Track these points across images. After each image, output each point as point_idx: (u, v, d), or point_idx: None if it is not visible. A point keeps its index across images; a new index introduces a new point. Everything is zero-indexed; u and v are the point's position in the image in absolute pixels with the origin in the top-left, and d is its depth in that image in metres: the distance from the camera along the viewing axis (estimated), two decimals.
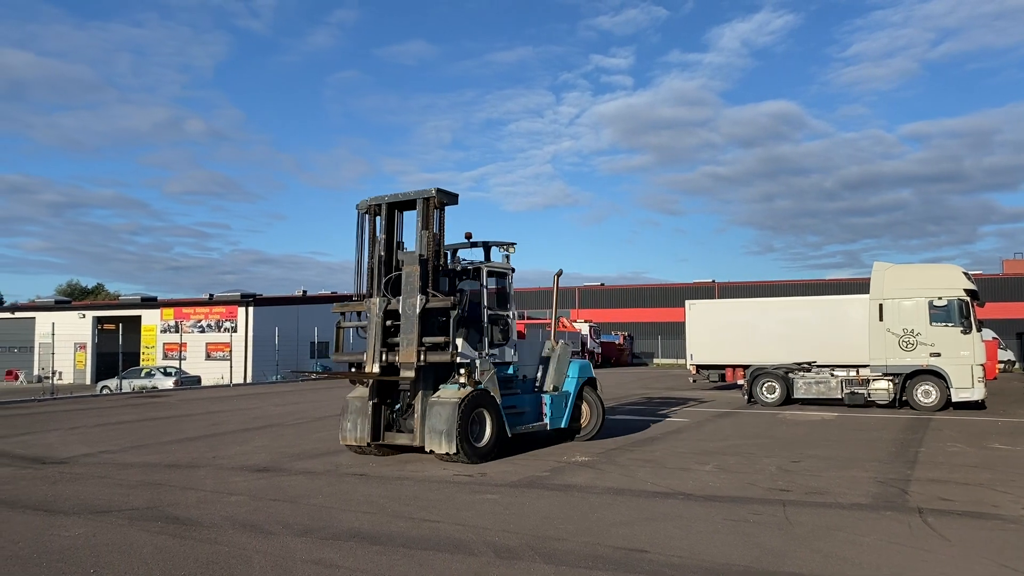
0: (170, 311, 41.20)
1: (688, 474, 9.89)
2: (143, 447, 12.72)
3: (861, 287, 24.35)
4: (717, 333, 25.24)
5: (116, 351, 30.99)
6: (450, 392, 10.70)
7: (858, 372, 19.64)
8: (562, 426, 12.72)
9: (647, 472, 10.04)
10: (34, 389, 32.60)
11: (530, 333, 47.03)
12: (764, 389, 20.67)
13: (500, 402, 11.22)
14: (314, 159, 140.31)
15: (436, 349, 10.66)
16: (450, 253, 12.06)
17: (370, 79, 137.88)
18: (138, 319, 41.27)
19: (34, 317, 43.96)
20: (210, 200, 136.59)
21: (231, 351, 34.40)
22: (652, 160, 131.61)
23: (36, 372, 40.86)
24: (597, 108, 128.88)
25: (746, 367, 21.78)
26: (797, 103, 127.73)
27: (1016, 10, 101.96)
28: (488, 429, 10.95)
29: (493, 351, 11.59)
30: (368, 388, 11.24)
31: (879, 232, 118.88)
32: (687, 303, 26.65)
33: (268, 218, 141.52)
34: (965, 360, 18.07)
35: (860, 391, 19.17)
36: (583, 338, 52.04)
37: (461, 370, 10.75)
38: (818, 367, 20.81)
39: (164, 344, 40.21)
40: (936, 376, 18.34)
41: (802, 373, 20.44)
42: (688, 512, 7.73)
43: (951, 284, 18.51)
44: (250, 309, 38.99)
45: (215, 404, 21.70)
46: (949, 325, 18.25)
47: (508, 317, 12.19)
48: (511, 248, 12.45)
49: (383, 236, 11.29)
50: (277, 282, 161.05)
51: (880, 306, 18.84)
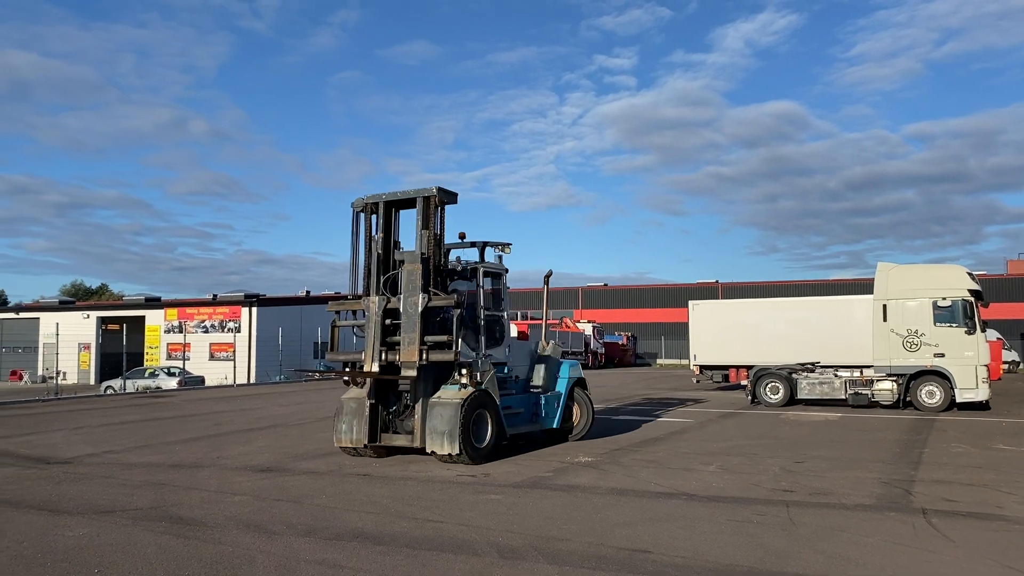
0: (174, 311, 41.29)
1: (692, 474, 9.88)
2: (147, 447, 12.75)
3: (865, 287, 24.30)
4: (721, 334, 25.24)
5: (120, 351, 31.01)
6: (451, 392, 10.62)
7: (862, 373, 19.61)
8: (555, 426, 12.71)
9: (650, 472, 10.04)
10: (38, 389, 32.66)
11: (532, 333, 47.08)
12: (768, 389, 20.65)
13: (499, 403, 11.22)
14: (317, 159, 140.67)
15: (438, 348, 10.57)
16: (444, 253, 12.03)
17: (373, 79, 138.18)
18: (142, 319, 41.37)
19: (38, 317, 44.08)
20: (213, 200, 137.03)
21: (235, 351, 34.46)
22: (655, 160, 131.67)
23: (40, 372, 40.97)
24: (600, 108, 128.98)
25: (750, 367, 21.77)
26: (801, 103, 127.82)
27: (1020, 10, 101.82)
28: (488, 430, 10.91)
29: (489, 351, 11.56)
30: (362, 389, 11.17)
31: (883, 232, 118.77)
32: (691, 303, 26.64)
33: (271, 218, 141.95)
34: (969, 361, 18.04)
35: (864, 392, 19.15)
36: (586, 339, 51.96)
37: (463, 370, 10.66)
38: (822, 368, 20.78)
39: (168, 344, 40.30)
40: (940, 377, 18.30)
41: (806, 374, 20.42)
42: (692, 513, 7.73)
43: (955, 284, 18.47)
44: (253, 309, 39.08)
45: (219, 404, 21.74)
46: (953, 326, 18.22)
47: (503, 317, 12.18)
48: (506, 248, 12.36)
49: (381, 234, 11.18)
50: (280, 282, 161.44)
51: (884, 306, 18.81)
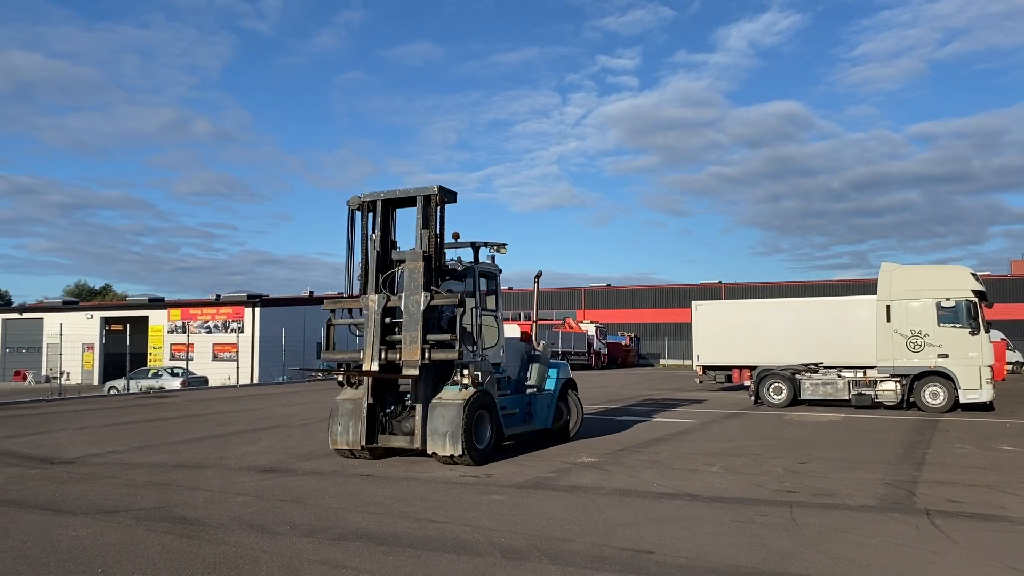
0: (177, 312, 41.37)
1: (695, 475, 9.87)
2: (150, 447, 12.77)
3: (868, 288, 24.26)
4: (724, 334, 25.20)
5: (123, 352, 31.09)
6: (453, 393, 10.54)
7: (865, 373, 19.59)
8: (547, 426, 12.69)
9: (653, 473, 10.03)
10: (42, 389, 32.71)
11: (536, 334, 47.05)
12: (771, 390, 20.62)
13: (498, 403, 11.19)
14: (320, 160, 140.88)
15: (440, 347, 10.46)
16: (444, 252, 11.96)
17: (376, 80, 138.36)
18: (145, 320, 41.44)
19: (42, 318, 44.20)
20: (216, 201, 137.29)
21: (238, 352, 34.49)
22: (658, 161, 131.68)
23: (44, 372, 41.06)
24: (603, 109, 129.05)
25: (753, 368, 21.76)
26: (804, 103, 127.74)
27: None
28: (489, 431, 10.86)
29: (485, 352, 11.49)
30: (357, 390, 11.07)
31: (886, 233, 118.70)
32: (693, 304, 26.62)
33: (274, 219, 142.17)
34: (973, 361, 18.01)
35: (867, 392, 19.12)
36: (589, 339, 51.95)
37: (464, 371, 10.57)
38: (825, 368, 20.76)
39: (171, 345, 40.39)
40: (944, 377, 18.28)
41: (809, 374, 20.40)
42: (695, 513, 7.72)
43: (959, 285, 18.44)
44: (257, 310, 39.14)
45: (222, 404, 21.76)
46: (957, 326, 18.19)
47: (497, 318, 12.13)
48: (502, 249, 12.25)
49: (378, 233, 11.07)
50: (283, 283, 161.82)
51: (887, 307, 18.79)
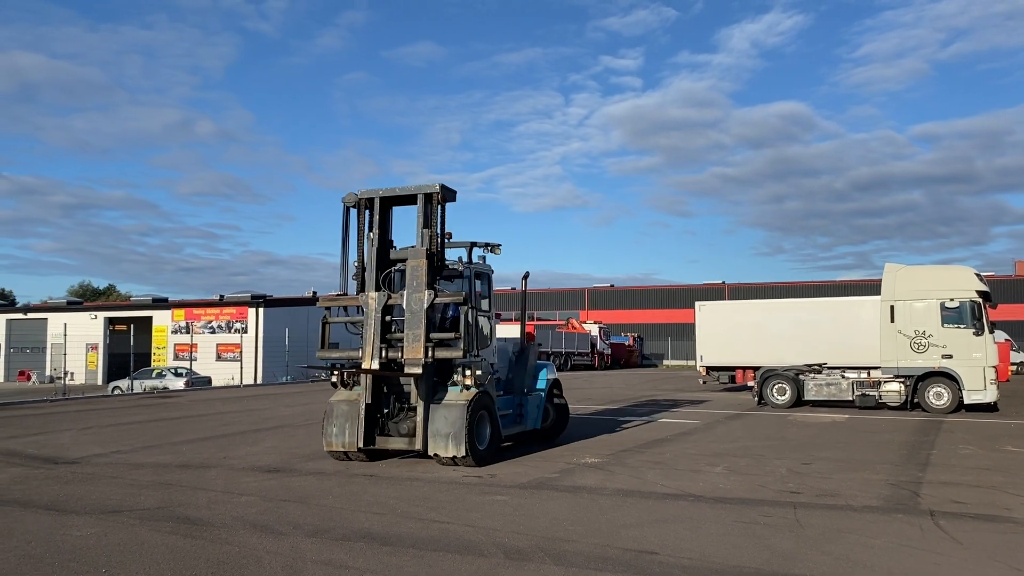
0: (181, 312, 41.44)
1: (698, 476, 9.86)
2: (154, 447, 12.79)
3: (872, 288, 24.26)
4: (727, 335, 25.17)
5: (127, 352, 31.18)
6: (454, 393, 10.49)
7: (869, 374, 19.55)
8: (537, 427, 12.63)
9: (657, 474, 10.02)
10: (46, 389, 32.81)
11: (539, 334, 47.08)
12: (774, 391, 20.59)
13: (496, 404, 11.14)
14: (323, 160, 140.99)
15: (443, 345, 10.36)
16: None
17: (379, 80, 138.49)
18: (149, 320, 41.51)
19: (46, 318, 44.30)
20: (220, 201, 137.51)
21: (241, 352, 34.53)
22: (661, 161, 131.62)
23: (48, 372, 41.12)
24: (606, 109, 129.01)
25: (756, 369, 21.73)
26: (807, 104, 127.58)
27: None
28: (488, 431, 10.80)
29: (479, 352, 11.34)
30: (351, 391, 10.96)
31: (890, 233, 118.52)
32: (697, 304, 26.59)
33: (277, 219, 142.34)
34: (977, 362, 17.96)
35: (871, 393, 19.08)
36: (592, 339, 51.95)
37: (467, 371, 10.50)
38: (829, 369, 20.73)
39: (175, 345, 40.46)
40: (948, 378, 18.24)
41: (813, 375, 20.37)
42: (698, 514, 7.72)
43: (963, 285, 18.40)
44: (260, 310, 39.18)
45: (226, 405, 21.80)
46: (961, 327, 18.14)
47: (491, 318, 12.07)
48: (496, 249, 12.16)
49: (377, 231, 10.96)
50: (287, 283, 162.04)
51: (891, 308, 18.75)
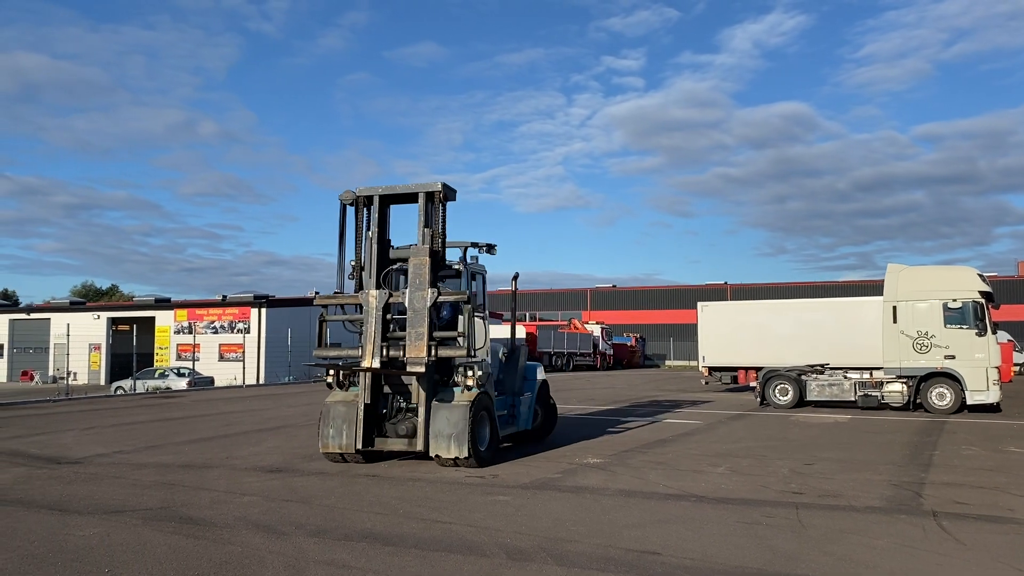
0: (183, 312, 41.47)
1: (700, 476, 9.86)
2: (157, 447, 12.81)
3: (874, 289, 24.21)
4: (729, 335, 25.13)
5: (130, 352, 31.20)
6: (456, 394, 10.44)
7: (872, 374, 19.53)
8: (528, 427, 12.55)
9: (659, 474, 10.02)
10: (49, 389, 32.85)
11: (542, 335, 47.06)
12: (777, 391, 20.58)
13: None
14: (325, 161, 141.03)
15: (446, 344, 10.32)
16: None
17: (381, 81, 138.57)
18: (152, 320, 41.56)
19: (49, 318, 44.35)
20: (222, 202, 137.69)
21: (244, 352, 34.56)
22: (663, 162, 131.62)
23: (51, 373, 41.20)
24: (608, 110, 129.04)
25: (759, 369, 21.70)
26: (809, 104, 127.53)
27: None
28: (488, 432, 10.75)
29: (475, 352, 11.25)
30: (347, 391, 10.86)
31: (892, 234, 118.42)
32: (699, 305, 26.55)
33: (280, 220, 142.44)
34: (980, 362, 17.93)
35: (874, 393, 19.07)
36: (595, 340, 51.95)
37: (469, 371, 10.47)
38: (831, 369, 20.69)
39: (178, 345, 40.48)
40: (951, 378, 18.21)
41: (815, 375, 20.35)
42: (700, 514, 7.71)
43: (966, 286, 18.37)
44: (263, 310, 39.20)
45: (228, 405, 21.82)
46: (964, 327, 18.12)
47: (485, 319, 12.00)
48: (492, 250, 12.10)
49: (376, 229, 10.90)
50: (289, 283, 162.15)
51: (894, 308, 18.73)
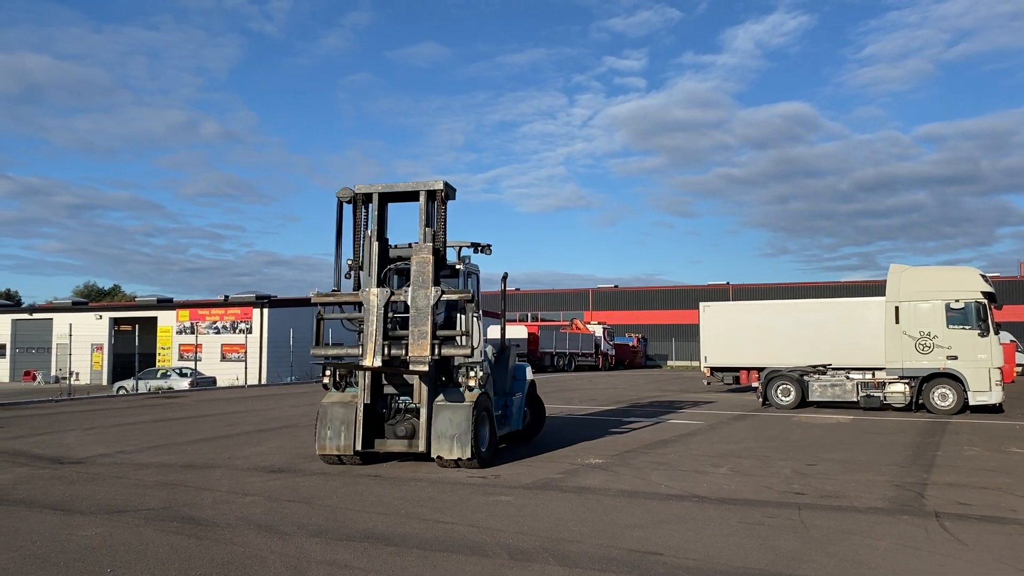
0: (186, 312, 41.50)
1: (702, 477, 9.85)
2: (159, 447, 12.82)
3: (877, 289, 24.18)
4: (731, 335, 25.11)
5: (132, 352, 31.25)
6: (458, 394, 10.42)
7: (874, 375, 19.51)
8: (519, 428, 12.52)
9: (661, 474, 10.01)
10: (51, 389, 32.88)
11: (544, 335, 47.06)
12: (779, 392, 20.56)
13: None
14: (327, 161, 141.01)
15: (449, 343, 10.31)
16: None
17: (383, 81, 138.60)
18: (154, 320, 41.60)
19: (51, 318, 44.40)
20: (224, 202, 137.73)
21: (246, 352, 34.59)
22: (665, 162, 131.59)
23: (54, 373, 41.27)
24: (610, 110, 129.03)
25: (761, 369, 21.68)
26: (811, 104, 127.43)
27: None
28: (488, 432, 10.73)
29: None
30: (344, 392, 10.80)
31: (895, 234, 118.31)
32: (701, 305, 26.53)
33: (282, 220, 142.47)
34: (982, 363, 17.91)
35: (876, 394, 19.05)
36: (596, 340, 51.94)
37: (471, 372, 10.46)
38: (833, 370, 20.66)
39: (180, 345, 40.51)
40: (953, 379, 18.19)
41: (817, 376, 20.32)
42: (703, 515, 7.71)
43: (968, 286, 18.35)
44: (265, 310, 39.22)
45: (230, 405, 21.83)
46: (966, 328, 18.09)
47: (478, 318, 11.99)
48: (487, 250, 12.05)
49: (375, 227, 10.86)
50: (291, 283, 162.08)
51: (896, 308, 18.71)
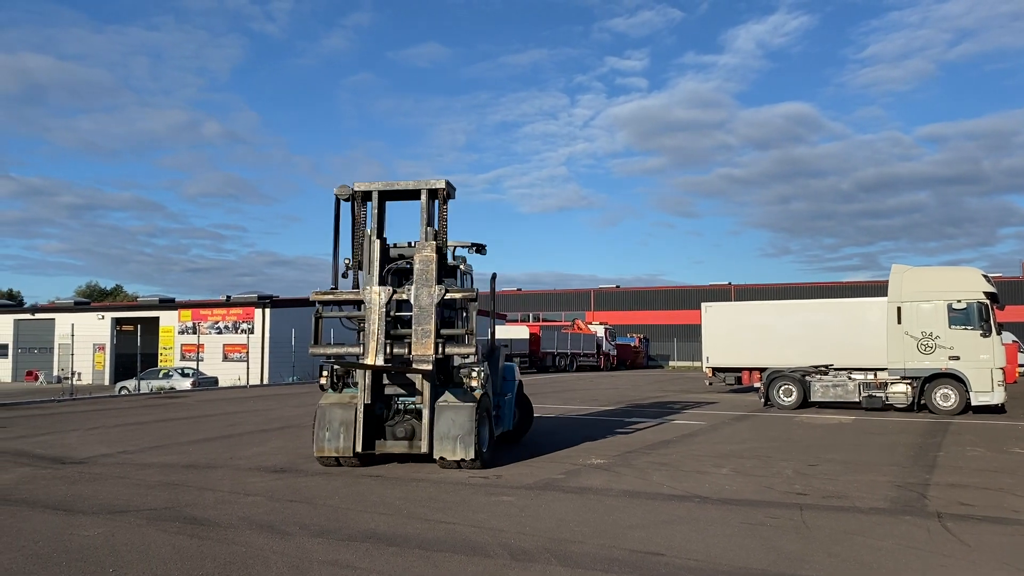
0: (188, 312, 41.51)
1: (704, 477, 9.85)
2: (161, 447, 12.83)
3: (879, 290, 24.17)
4: (733, 335, 25.10)
5: (134, 352, 31.24)
6: (460, 395, 10.37)
7: (876, 375, 19.49)
8: (510, 428, 12.45)
9: (663, 475, 10.01)
10: (54, 390, 32.88)
11: (545, 335, 47.05)
12: (781, 392, 20.54)
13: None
14: (329, 161, 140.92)
15: (452, 342, 10.24)
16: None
17: (385, 82, 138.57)
18: (156, 320, 41.60)
19: (54, 318, 44.42)
20: (226, 202, 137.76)
21: (248, 352, 34.60)
22: (667, 162, 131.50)
23: (56, 373, 41.27)
24: (612, 110, 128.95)
25: (763, 370, 21.67)
26: (813, 105, 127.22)
27: None
28: (488, 433, 10.68)
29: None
30: (341, 393, 10.69)
31: (896, 234, 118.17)
32: (703, 305, 26.52)
33: (283, 220, 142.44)
34: (984, 363, 17.89)
35: (878, 394, 19.03)
36: (598, 340, 51.91)
37: (473, 372, 10.44)
38: (835, 370, 20.65)
39: (182, 345, 40.51)
40: (955, 379, 18.17)
41: (819, 376, 20.31)
42: (704, 515, 7.71)
43: (970, 287, 18.33)
44: (267, 311, 39.20)
45: (232, 405, 21.85)
46: (968, 328, 18.07)
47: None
48: (482, 250, 12.00)
49: (375, 225, 10.81)
50: (293, 284, 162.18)
51: (898, 309, 18.68)
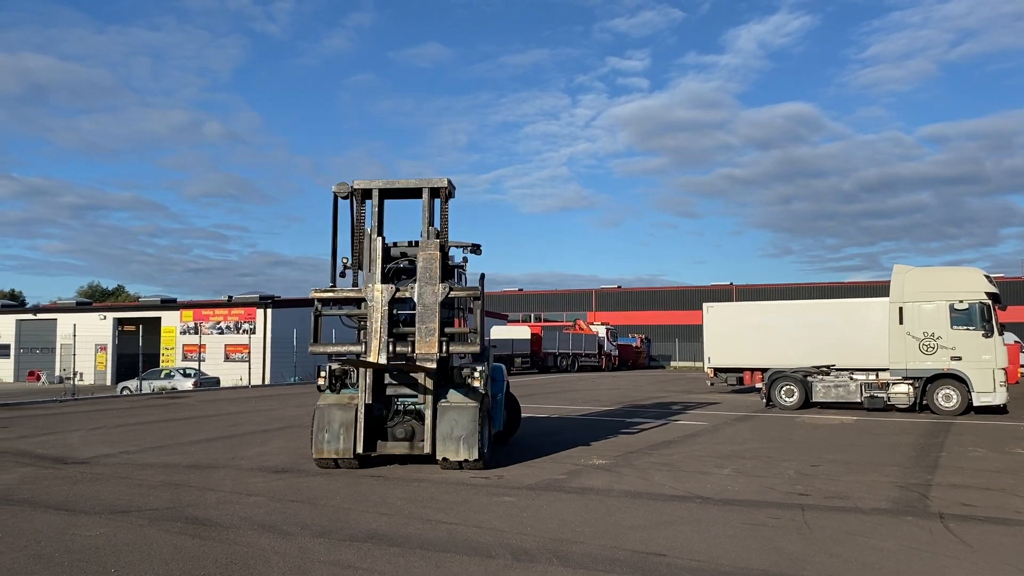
0: (189, 313, 41.55)
1: (706, 477, 9.85)
2: (163, 448, 12.84)
3: (880, 290, 24.13)
4: (735, 336, 25.04)
5: (136, 352, 31.27)
6: (463, 395, 10.35)
7: (878, 376, 19.47)
8: (500, 428, 12.35)
9: (665, 475, 10.01)
10: (55, 390, 32.90)
11: (546, 335, 47.06)
12: (782, 392, 20.53)
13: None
14: (330, 161, 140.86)
15: (456, 340, 10.21)
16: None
17: (386, 82, 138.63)
18: (158, 320, 41.64)
19: (56, 318, 44.47)
20: (227, 202, 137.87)
21: (249, 352, 34.64)
22: (668, 162, 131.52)
23: (58, 373, 41.28)
24: (613, 110, 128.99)
25: (764, 370, 21.66)
26: (814, 105, 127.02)
27: None
28: (487, 434, 10.69)
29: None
30: (340, 394, 10.59)
31: (898, 234, 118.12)
32: (704, 306, 26.47)
33: (285, 220, 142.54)
34: (986, 364, 17.87)
35: (880, 395, 19.01)
36: (600, 341, 51.88)
37: (476, 372, 10.42)
38: (837, 370, 20.62)
39: (183, 345, 40.55)
40: (957, 380, 18.15)
41: (821, 376, 20.29)
42: (706, 516, 7.70)
43: (972, 287, 18.31)
44: (268, 311, 39.24)
45: (234, 405, 21.86)
46: (970, 328, 18.05)
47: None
48: (478, 250, 11.92)
49: (375, 223, 10.77)
50: (295, 284, 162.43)
51: (900, 309, 18.67)
